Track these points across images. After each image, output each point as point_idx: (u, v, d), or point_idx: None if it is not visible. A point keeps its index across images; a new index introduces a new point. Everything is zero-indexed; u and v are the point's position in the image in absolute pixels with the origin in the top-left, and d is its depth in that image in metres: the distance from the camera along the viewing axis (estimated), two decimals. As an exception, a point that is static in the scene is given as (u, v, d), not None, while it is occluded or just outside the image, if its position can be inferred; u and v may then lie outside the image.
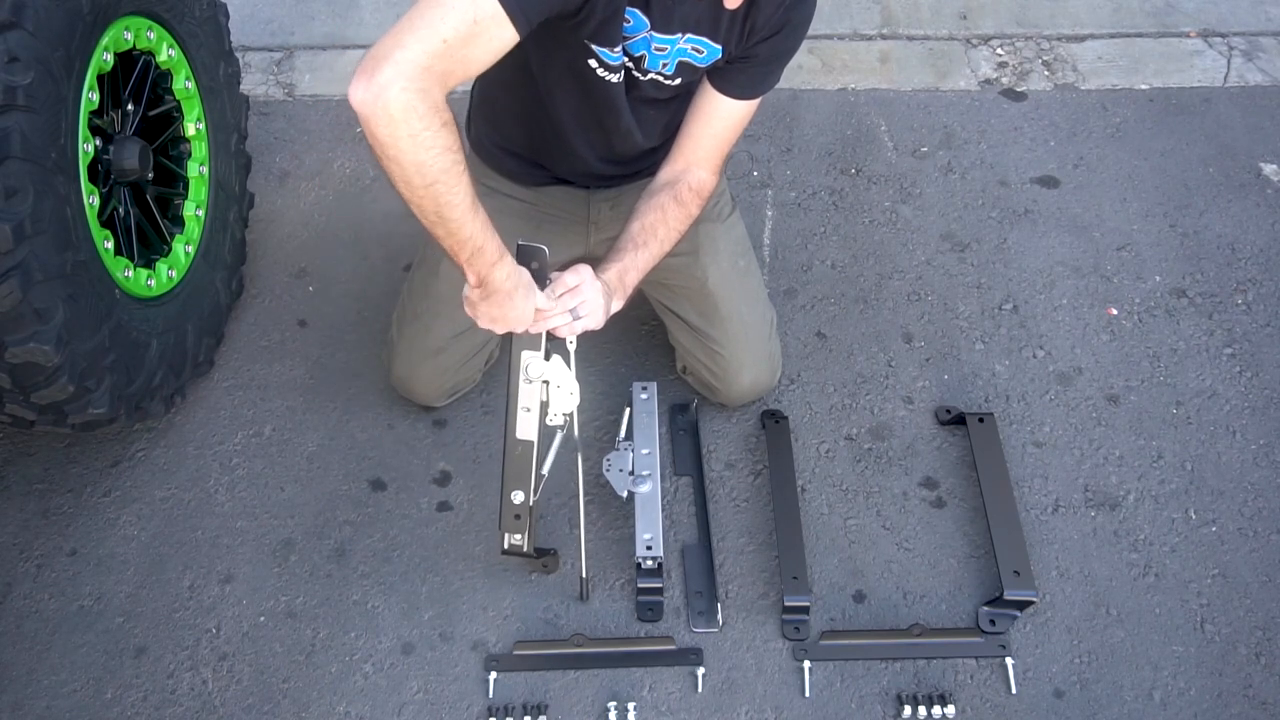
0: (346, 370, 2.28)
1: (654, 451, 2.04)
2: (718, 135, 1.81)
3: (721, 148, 1.83)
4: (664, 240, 1.81)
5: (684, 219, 1.83)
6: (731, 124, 1.80)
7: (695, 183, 1.82)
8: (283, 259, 2.50)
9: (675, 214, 1.81)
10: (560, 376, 1.74)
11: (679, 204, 1.81)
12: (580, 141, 1.87)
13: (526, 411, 1.75)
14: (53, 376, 1.74)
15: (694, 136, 1.81)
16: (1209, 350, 2.31)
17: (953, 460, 2.14)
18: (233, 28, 2.36)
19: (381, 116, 1.36)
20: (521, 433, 1.76)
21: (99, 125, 1.93)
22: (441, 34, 1.37)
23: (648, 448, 2.04)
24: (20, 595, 1.95)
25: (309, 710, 1.82)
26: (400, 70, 1.35)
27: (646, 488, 1.96)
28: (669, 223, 1.81)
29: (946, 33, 3.10)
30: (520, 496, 1.78)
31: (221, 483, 2.11)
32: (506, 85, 1.84)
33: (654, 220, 1.80)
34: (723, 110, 1.78)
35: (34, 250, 1.64)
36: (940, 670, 1.85)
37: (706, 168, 1.83)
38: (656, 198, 1.81)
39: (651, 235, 1.80)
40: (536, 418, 1.75)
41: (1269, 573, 1.97)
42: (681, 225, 1.83)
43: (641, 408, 2.13)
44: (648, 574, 1.89)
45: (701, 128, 1.80)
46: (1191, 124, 2.80)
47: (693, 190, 1.82)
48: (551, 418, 1.77)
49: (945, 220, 2.58)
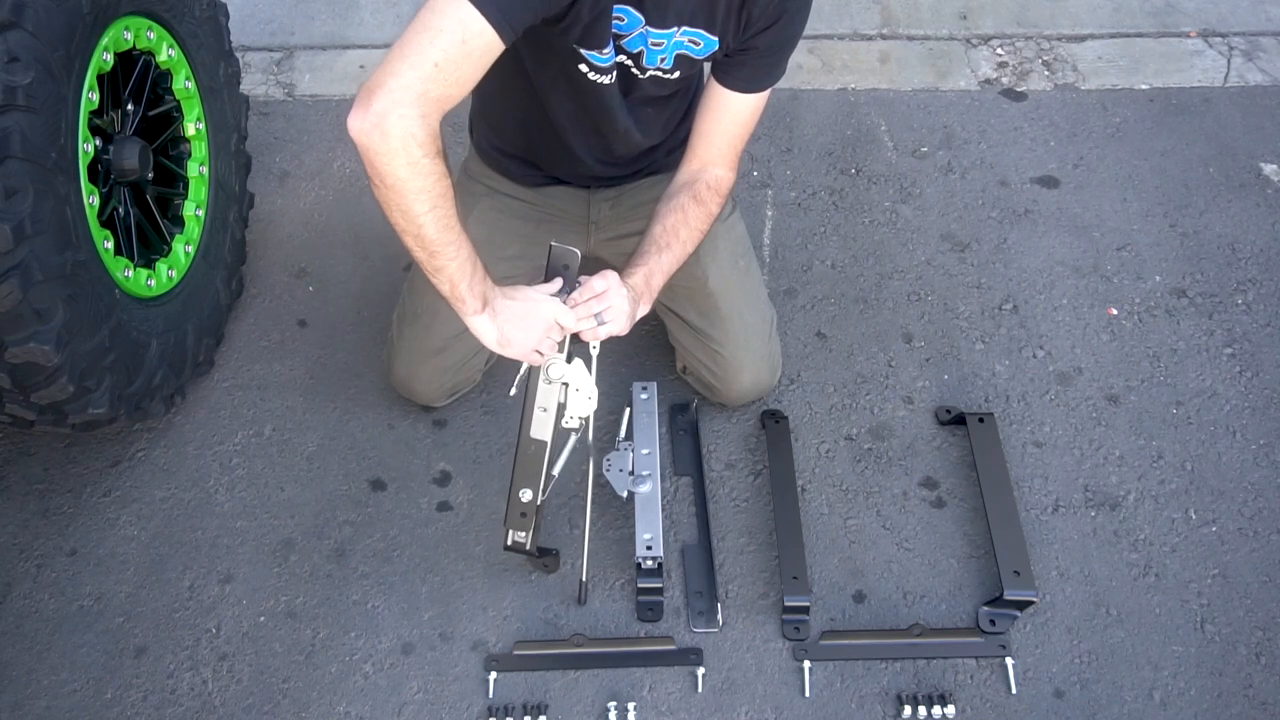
0: (346, 370, 2.28)
1: (654, 451, 2.04)
2: (729, 131, 1.80)
3: (735, 143, 1.82)
4: (686, 241, 1.81)
5: (705, 218, 1.83)
6: (742, 119, 1.80)
7: (713, 181, 1.82)
8: (283, 259, 2.50)
9: (696, 214, 1.81)
10: (580, 380, 1.75)
11: (699, 203, 1.81)
12: (578, 144, 1.88)
13: (543, 411, 1.75)
14: (53, 376, 1.74)
15: (706, 135, 1.81)
16: (1209, 350, 2.31)
17: (953, 460, 2.14)
18: (233, 28, 2.36)
19: (380, 145, 1.37)
20: (536, 432, 1.76)
21: (99, 125, 1.93)
22: (433, 58, 1.38)
23: (648, 448, 2.05)
24: (20, 595, 1.95)
25: (309, 710, 1.82)
26: (396, 99, 1.36)
27: (646, 488, 1.96)
28: (690, 223, 1.81)
29: (946, 33, 3.10)
30: (528, 495, 1.77)
31: (221, 483, 2.11)
32: (504, 91, 1.84)
33: (675, 222, 1.80)
34: (732, 106, 1.78)
35: (34, 250, 1.64)
36: (940, 670, 1.85)
37: (723, 164, 1.83)
38: (676, 199, 1.81)
39: (674, 237, 1.80)
40: (553, 418, 1.75)
41: (1269, 573, 1.97)
42: (703, 225, 1.83)
43: (641, 408, 2.13)
44: (648, 574, 1.89)
45: (713, 125, 1.80)
46: (1191, 124, 2.80)
47: (711, 188, 1.81)
48: (568, 420, 1.77)
49: (945, 220, 2.58)
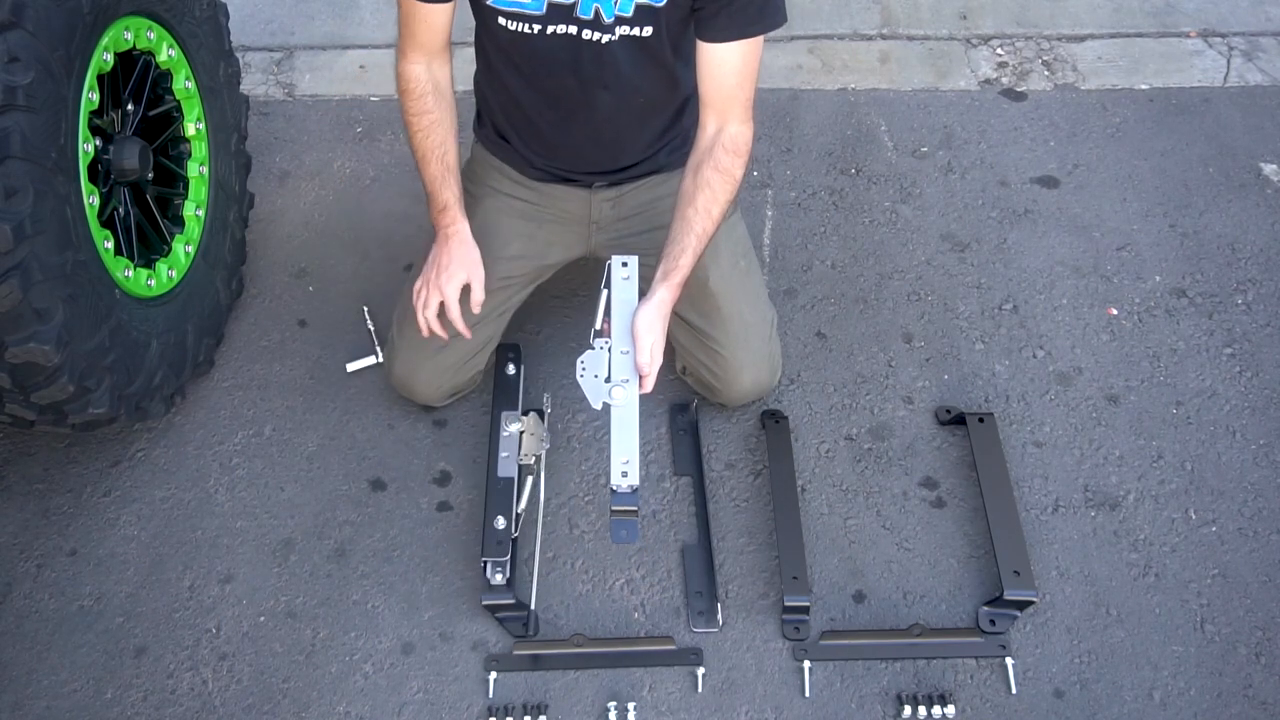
0: (347, 370, 2.28)
1: (632, 351, 1.70)
2: (730, 85, 1.78)
3: (738, 95, 1.80)
4: (717, 217, 1.82)
5: (731, 186, 1.82)
6: (739, 69, 1.77)
7: (729, 142, 1.80)
8: (283, 259, 2.50)
9: (722, 185, 1.81)
10: (534, 426, 2.03)
11: (721, 173, 1.80)
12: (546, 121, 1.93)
13: (505, 456, 2.00)
14: (53, 376, 1.74)
15: (708, 96, 1.81)
16: (1209, 350, 2.31)
17: (953, 460, 2.14)
18: (233, 28, 2.36)
19: None
20: (502, 471, 1.98)
21: (99, 125, 1.93)
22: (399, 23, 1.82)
23: (625, 346, 1.71)
24: (20, 595, 1.95)
25: (309, 710, 1.82)
26: None
27: (623, 395, 1.67)
28: (719, 198, 1.81)
29: (946, 33, 3.10)
30: (502, 523, 1.91)
31: (221, 483, 2.11)
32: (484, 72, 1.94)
33: (706, 201, 1.80)
34: (723, 58, 1.75)
35: (34, 250, 1.64)
36: (940, 670, 1.85)
37: (735, 119, 1.81)
38: (701, 174, 1.80)
39: (706, 216, 1.80)
40: (515, 461, 1.97)
41: (1269, 573, 1.97)
42: (731, 194, 1.83)
43: (621, 290, 1.77)
44: (623, 496, 1.65)
45: (712, 84, 1.79)
46: (1191, 124, 2.80)
47: (729, 151, 1.80)
48: (523, 458, 1.98)
49: (945, 220, 2.58)
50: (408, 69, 1.85)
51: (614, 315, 1.74)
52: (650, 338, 1.71)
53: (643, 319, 1.72)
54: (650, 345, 1.71)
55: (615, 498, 1.66)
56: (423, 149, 1.88)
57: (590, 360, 1.71)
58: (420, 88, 1.85)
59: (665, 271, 1.77)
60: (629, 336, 1.72)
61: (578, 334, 2.29)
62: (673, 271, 1.77)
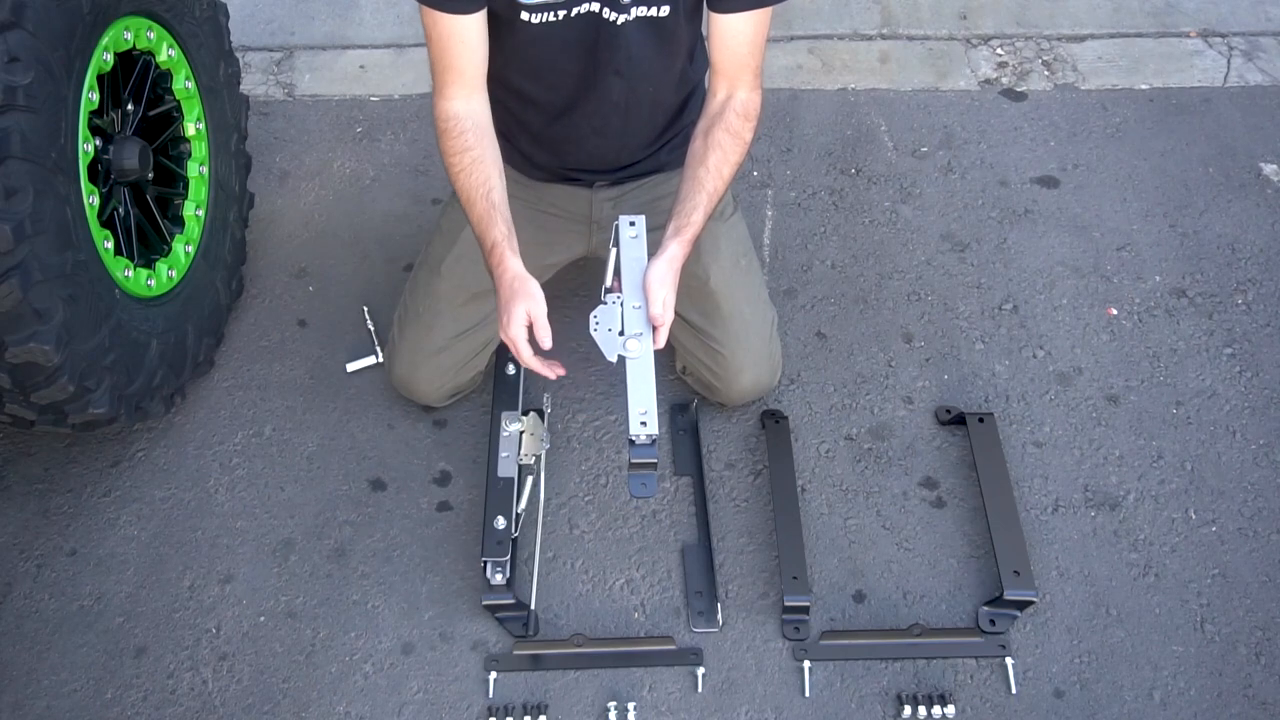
0: (347, 370, 2.28)
1: (644, 305, 1.72)
2: (742, 54, 1.81)
3: (749, 63, 1.83)
4: (727, 177, 1.84)
5: (741, 149, 1.85)
6: (751, 39, 1.80)
7: (740, 106, 1.83)
8: (283, 259, 2.50)
9: (733, 147, 1.83)
10: (534, 426, 2.05)
11: (732, 135, 1.82)
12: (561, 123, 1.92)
13: (505, 456, 2.00)
14: (53, 376, 1.74)
15: (719, 64, 1.83)
16: (1209, 350, 2.31)
17: (953, 460, 2.14)
18: (233, 28, 2.36)
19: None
20: (502, 472, 1.98)
21: (99, 125, 1.93)
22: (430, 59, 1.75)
23: (638, 300, 1.73)
24: (20, 595, 1.95)
25: (309, 710, 1.82)
26: None
27: (638, 346, 1.69)
28: (730, 159, 1.83)
29: (946, 33, 3.10)
30: (502, 523, 1.91)
31: (221, 483, 2.11)
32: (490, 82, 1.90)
33: (717, 161, 1.81)
34: (737, 28, 1.78)
35: (34, 250, 1.64)
36: (940, 670, 1.85)
37: (745, 86, 1.83)
38: (713, 135, 1.82)
39: (717, 176, 1.82)
40: (515, 461, 1.95)
41: (1269, 573, 1.97)
42: (741, 156, 1.85)
43: (630, 249, 1.80)
44: (642, 448, 1.66)
45: (724, 52, 1.81)
46: (1191, 124, 2.80)
47: (740, 115, 1.83)
48: (523, 458, 1.98)
49: (945, 220, 2.58)
50: (445, 107, 1.77)
51: (624, 272, 1.76)
52: (663, 291, 1.71)
53: (654, 272, 1.72)
54: (663, 298, 1.70)
55: (634, 450, 1.65)
56: (466, 189, 1.78)
57: (603, 315, 1.72)
58: (458, 126, 1.77)
59: (677, 228, 1.77)
60: (640, 291, 1.72)
61: (578, 334, 2.28)
62: (685, 228, 1.77)
